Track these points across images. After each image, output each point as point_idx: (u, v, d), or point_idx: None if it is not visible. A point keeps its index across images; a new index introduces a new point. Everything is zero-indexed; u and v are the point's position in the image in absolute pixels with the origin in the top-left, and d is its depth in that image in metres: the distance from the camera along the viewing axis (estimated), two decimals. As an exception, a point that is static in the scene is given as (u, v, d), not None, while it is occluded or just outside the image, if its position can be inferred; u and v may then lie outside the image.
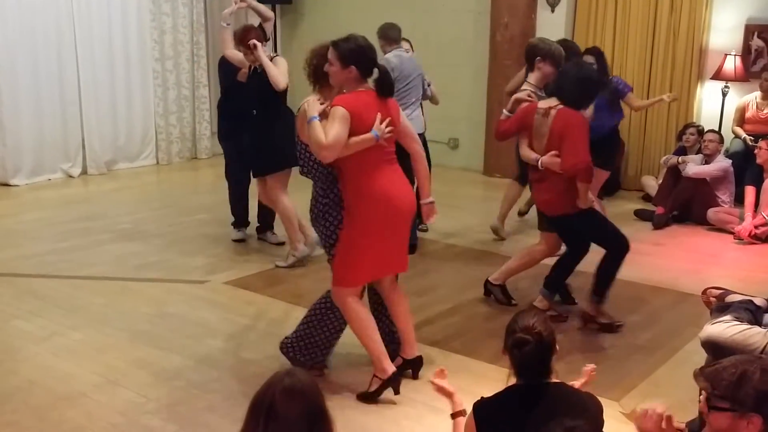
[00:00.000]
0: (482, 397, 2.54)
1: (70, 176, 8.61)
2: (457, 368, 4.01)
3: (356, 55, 3.47)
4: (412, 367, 3.89)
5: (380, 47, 5.62)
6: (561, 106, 4.29)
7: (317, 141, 3.38)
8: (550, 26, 8.35)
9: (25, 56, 8.09)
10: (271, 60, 5.38)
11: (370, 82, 3.58)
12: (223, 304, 4.93)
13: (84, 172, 8.75)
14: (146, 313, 4.75)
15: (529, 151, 4.45)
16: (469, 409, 2.55)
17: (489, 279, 4.94)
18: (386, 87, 3.55)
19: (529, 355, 2.41)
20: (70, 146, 8.62)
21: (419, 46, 8.79)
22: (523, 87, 4.94)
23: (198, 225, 5.95)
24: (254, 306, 4.86)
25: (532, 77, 4.90)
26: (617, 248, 4.43)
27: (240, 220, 6.15)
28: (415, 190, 3.94)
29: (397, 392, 3.66)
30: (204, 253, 5.79)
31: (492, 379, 3.53)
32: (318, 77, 3.66)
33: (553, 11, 8.45)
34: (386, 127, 3.49)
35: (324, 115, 3.45)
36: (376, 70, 3.58)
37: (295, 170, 4.16)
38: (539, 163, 4.34)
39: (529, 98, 4.70)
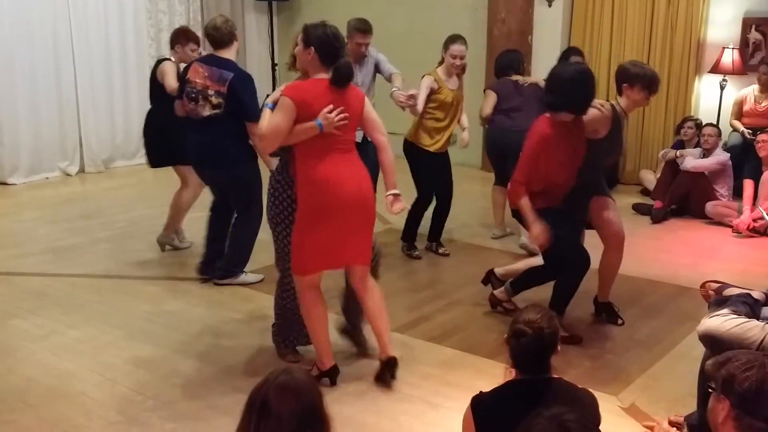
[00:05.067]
0: (480, 392, 2.53)
1: (68, 175, 8.61)
2: (456, 364, 4.02)
3: (317, 39, 3.51)
4: (387, 370, 3.75)
5: None
6: (544, 116, 4.11)
7: (259, 129, 3.49)
8: (548, 21, 8.35)
9: (21, 55, 8.08)
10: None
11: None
12: (222, 302, 4.92)
13: (81, 170, 8.75)
14: (144, 311, 4.74)
15: None
16: (467, 404, 2.55)
17: (495, 270, 4.89)
18: (340, 77, 3.52)
19: (525, 347, 2.43)
20: (68, 145, 8.62)
21: (416, 42, 8.80)
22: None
23: (195, 223, 5.91)
24: (252, 303, 4.86)
25: (622, 102, 4.30)
26: (571, 262, 4.22)
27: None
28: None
29: (333, 383, 3.72)
30: (201, 251, 5.76)
31: (490, 374, 3.53)
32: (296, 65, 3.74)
33: (550, 6, 8.44)
34: (337, 116, 3.46)
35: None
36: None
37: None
38: None
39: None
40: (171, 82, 5.50)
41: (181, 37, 5.67)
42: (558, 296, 4.29)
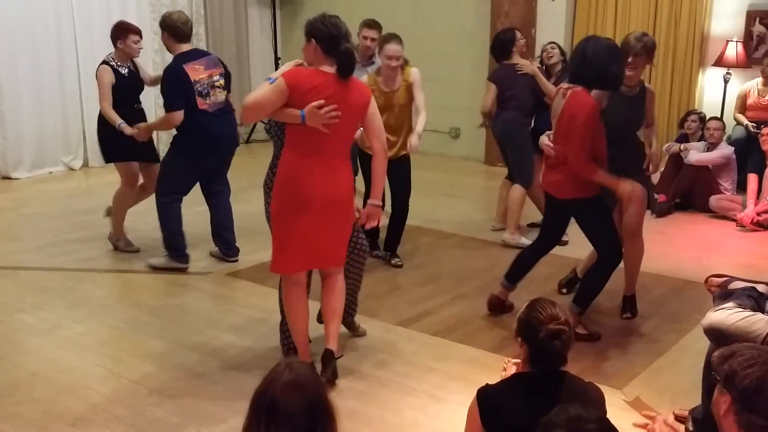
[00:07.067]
0: (487, 384, 2.52)
1: (72, 169, 8.62)
2: (460, 358, 4.02)
3: (316, 29, 3.48)
4: (326, 363, 3.63)
5: None
6: (577, 89, 4.01)
7: (246, 98, 3.46)
8: (551, 15, 8.33)
9: (25, 49, 8.09)
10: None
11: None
12: (226, 296, 4.94)
13: (85, 164, 8.77)
14: (149, 305, 4.75)
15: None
16: (471, 398, 2.54)
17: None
18: (343, 68, 3.47)
19: (567, 344, 2.40)
20: (71, 139, 8.63)
21: (420, 35, 8.78)
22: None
23: (199, 216, 5.93)
24: (256, 297, 4.86)
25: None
26: (610, 255, 4.19)
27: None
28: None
29: None
30: (206, 245, 5.77)
31: (495, 368, 3.53)
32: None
33: (553, 0, 8.42)
34: (326, 112, 3.38)
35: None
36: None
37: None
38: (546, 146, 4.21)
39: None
40: (104, 101, 5.49)
41: (121, 31, 5.54)
42: (587, 290, 4.24)
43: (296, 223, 3.50)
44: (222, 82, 5.16)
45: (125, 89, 5.53)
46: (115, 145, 5.59)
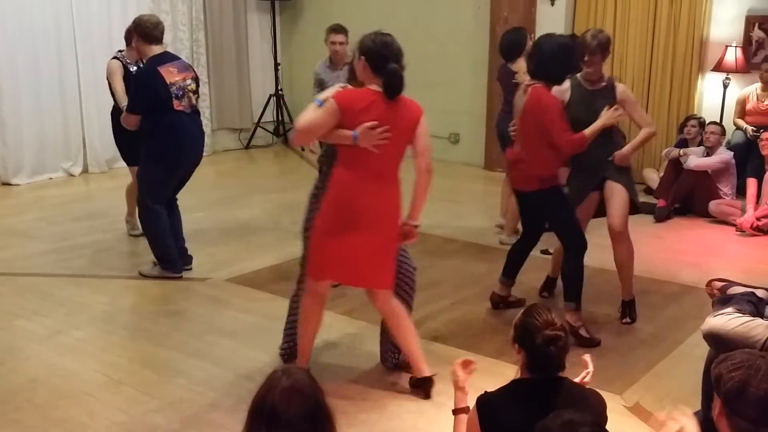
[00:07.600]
0: (486, 392, 2.52)
1: (72, 175, 8.61)
2: (460, 363, 4.01)
3: (365, 47, 3.48)
4: (421, 387, 3.70)
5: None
6: (536, 85, 4.15)
7: (297, 121, 3.49)
8: (550, 20, 8.33)
9: (25, 55, 8.09)
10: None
11: None
12: (226, 301, 4.93)
13: (85, 170, 8.76)
14: (149, 311, 4.75)
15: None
16: (472, 404, 2.54)
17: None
18: (389, 88, 3.44)
19: (564, 350, 2.40)
20: (71, 145, 8.62)
21: (419, 40, 8.79)
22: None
23: (199, 222, 5.94)
24: (256, 302, 4.86)
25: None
26: (576, 245, 4.27)
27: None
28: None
29: None
30: (205, 250, 5.78)
31: (495, 374, 3.53)
32: (354, 73, 3.68)
33: (552, 4, 8.43)
34: (378, 133, 3.38)
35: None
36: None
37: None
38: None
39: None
40: (118, 86, 5.60)
41: None
42: (572, 287, 4.28)
43: (342, 238, 3.48)
44: (194, 86, 5.19)
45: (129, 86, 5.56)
46: (124, 149, 5.91)
